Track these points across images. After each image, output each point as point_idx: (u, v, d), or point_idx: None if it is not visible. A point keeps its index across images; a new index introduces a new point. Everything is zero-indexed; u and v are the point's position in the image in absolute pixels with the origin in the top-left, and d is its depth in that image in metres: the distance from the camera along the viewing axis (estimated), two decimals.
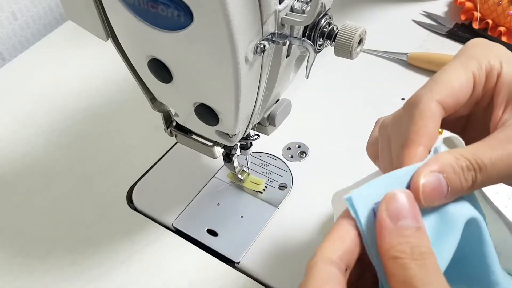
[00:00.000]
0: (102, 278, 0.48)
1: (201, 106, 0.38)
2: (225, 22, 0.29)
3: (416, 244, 0.24)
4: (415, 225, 0.25)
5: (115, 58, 0.41)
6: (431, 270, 0.24)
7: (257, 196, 0.52)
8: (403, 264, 0.24)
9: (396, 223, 0.25)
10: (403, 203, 0.25)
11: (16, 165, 0.60)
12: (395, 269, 0.24)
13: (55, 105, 0.66)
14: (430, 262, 0.24)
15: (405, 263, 0.24)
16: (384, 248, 0.24)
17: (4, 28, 0.77)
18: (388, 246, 0.24)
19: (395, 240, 0.24)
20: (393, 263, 0.24)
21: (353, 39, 0.36)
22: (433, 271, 0.24)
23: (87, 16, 0.37)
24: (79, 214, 0.54)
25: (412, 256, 0.24)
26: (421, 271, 0.23)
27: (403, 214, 0.25)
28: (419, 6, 0.72)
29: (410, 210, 0.25)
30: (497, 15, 0.63)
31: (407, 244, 0.24)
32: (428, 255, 0.24)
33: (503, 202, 0.41)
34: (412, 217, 0.25)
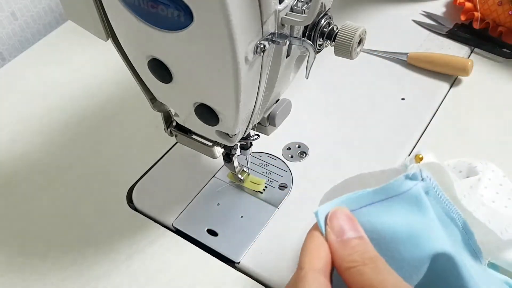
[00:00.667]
0: (102, 278, 0.48)
1: (201, 106, 0.38)
2: (225, 22, 0.29)
3: (363, 251, 0.27)
4: (358, 235, 0.28)
5: (115, 58, 0.41)
6: (383, 270, 0.26)
7: (257, 196, 0.52)
8: (358, 271, 0.26)
9: (342, 238, 0.27)
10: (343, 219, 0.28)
11: (16, 165, 0.60)
12: (353, 277, 0.26)
13: (55, 105, 0.66)
14: (380, 264, 0.26)
15: (359, 269, 0.26)
16: (338, 262, 0.27)
17: (4, 28, 0.77)
18: (341, 259, 0.27)
19: (345, 252, 0.27)
20: (349, 273, 0.27)
21: (353, 39, 0.36)
22: (385, 271, 0.26)
23: (87, 16, 0.37)
24: (79, 214, 0.54)
25: (363, 262, 0.26)
26: (375, 273, 0.26)
27: (345, 228, 0.28)
28: (419, 6, 0.72)
29: (349, 224, 0.28)
30: (497, 15, 0.63)
31: (356, 253, 0.27)
32: (376, 258, 0.27)
33: (503, 203, 0.41)
34: (353, 229, 0.28)
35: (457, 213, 0.33)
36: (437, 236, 0.29)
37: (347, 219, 0.28)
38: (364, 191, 0.29)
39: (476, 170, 0.44)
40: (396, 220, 0.29)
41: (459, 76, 0.61)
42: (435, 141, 0.55)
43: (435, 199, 0.31)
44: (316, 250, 0.28)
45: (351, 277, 0.26)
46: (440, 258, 0.29)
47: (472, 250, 0.35)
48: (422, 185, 0.30)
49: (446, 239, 0.30)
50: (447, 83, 0.61)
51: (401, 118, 0.58)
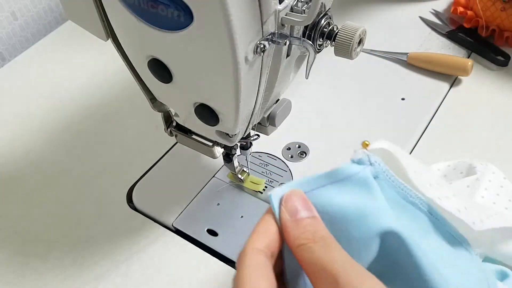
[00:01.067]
0: (102, 278, 0.48)
1: (201, 106, 0.38)
2: (225, 22, 0.29)
3: (315, 230, 0.28)
4: (311, 215, 0.29)
5: (115, 58, 0.41)
6: (332, 248, 0.27)
7: (257, 196, 0.52)
8: (308, 248, 0.27)
9: (295, 217, 0.28)
10: (297, 200, 0.29)
11: (16, 165, 0.60)
12: (304, 255, 0.27)
13: (55, 105, 0.66)
14: (331, 242, 0.28)
15: (310, 247, 0.27)
16: (291, 240, 0.28)
17: (4, 28, 0.77)
18: (293, 237, 0.28)
19: (297, 231, 0.28)
20: (301, 250, 0.28)
21: (353, 39, 0.36)
22: (334, 249, 0.27)
23: (87, 16, 0.37)
24: (79, 214, 0.54)
25: (314, 240, 0.27)
26: (325, 251, 0.27)
27: (299, 208, 0.29)
28: (431, 4, 0.72)
29: (303, 204, 0.29)
30: (501, 21, 0.63)
31: (308, 231, 0.28)
32: (327, 237, 0.28)
33: (503, 204, 0.41)
34: (306, 209, 0.29)
35: (417, 197, 0.33)
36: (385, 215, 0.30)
37: (301, 200, 0.29)
38: (315, 175, 0.31)
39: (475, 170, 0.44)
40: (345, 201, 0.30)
41: (459, 76, 0.61)
42: (435, 141, 0.55)
43: (387, 183, 0.32)
44: (261, 231, 0.29)
45: (302, 254, 0.27)
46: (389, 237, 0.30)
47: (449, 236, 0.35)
48: (370, 170, 0.31)
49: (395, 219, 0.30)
50: (447, 83, 0.61)
51: (401, 118, 0.58)
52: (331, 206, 0.29)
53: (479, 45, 0.64)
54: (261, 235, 0.29)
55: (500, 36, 0.64)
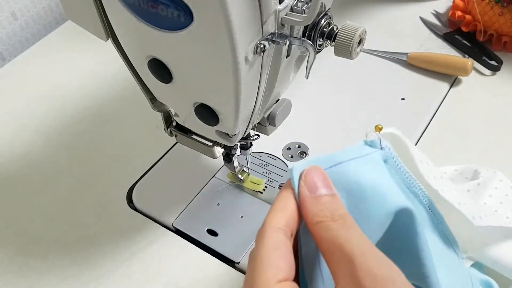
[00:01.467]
0: (102, 278, 0.48)
1: (201, 106, 0.38)
2: (225, 22, 0.29)
3: (334, 208, 0.28)
4: (330, 192, 0.28)
5: (115, 58, 0.41)
6: (351, 227, 0.27)
7: (257, 196, 0.52)
8: (326, 226, 0.27)
9: (315, 193, 0.28)
10: (317, 176, 0.29)
11: (16, 165, 0.60)
12: (321, 232, 0.27)
13: (55, 105, 0.66)
14: (349, 222, 0.27)
15: (328, 225, 0.27)
16: (309, 217, 0.28)
17: (4, 28, 0.77)
18: (312, 214, 0.28)
19: (316, 208, 0.28)
20: (318, 228, 0.27)
21: (353, 39, 0.36)
22: (352, 229, 0.27)
23: (87, 16, 0.37)
24: (79, 214, 0.54)
25: (332, 218, 0.27)
26: (343, 230, 0.27)
27: (319, 185, 0.28)
28: (431, 4, 0.72)
29: (323, 181, 0.29)
30: (499, 26, 0.63)
31: (327, 209, 0.28)
32: (345, 216, 0.28)
33: (505, 213, 0.41)
34: (326, 186, 0.29)
35: (420, 189, 0.33)
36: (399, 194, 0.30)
37: (321, 176, 0.29)
38: (331, 153, 0.30)
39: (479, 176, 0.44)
40: (362, 178, 0.29)
41: (459, 76, 0.61)
42: (435, 141, 0.55)
43: (395, 169, 0.32)
44: (280, 209, 0.29)
45: (320, 232, 0.27)
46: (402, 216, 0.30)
47: (443, 235, 0.35)
48: (380, 153, 0.31)
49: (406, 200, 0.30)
50: (447, 83, 0.61)
51: (401, 118, 0.58)
52: (348, 183, 0.29)
53: (473, 49, 0.64)
54: (280, 212, 0.29)
55: (498, 41, 0.64)
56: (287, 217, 0.28)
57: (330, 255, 0.26)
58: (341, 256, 0.26)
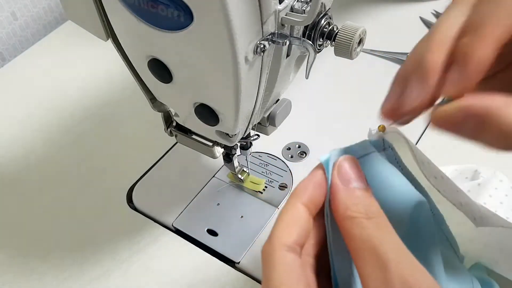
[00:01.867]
0: (102, 278, 0.48)
1: (201, 106, 0.38)
2: (225, 22, 0.29)
3: (369, 204, 0.26)
4: (363, 186, 0.27)
5: (115, 58, 0.41)
6: (384, 228, 0.25)
7: (257, 196, 0.52)
8: (360, 223, 0.25)
9: (348, 186, 0.26)
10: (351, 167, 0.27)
11: (16, 165, 0.60)
12: (353, 229, 0.25)
13: (55, 105, 0.66)
14: (383, 221, 0.26)
15: (362, 222, 0.25)
16: (340, 209, 0.26)
17: (4, 28, 0.77)
18: (344, 207, 0.26)
19: (349, 201, 0.26)
20: (351, 223, 0.25)
21: (353, 39, 0.36)
22: (386, 229, 0.25)
23: (87, 16, 0.37)
24: (79, 214, 0.54)
25: (366, 215, 0.25)
26: (377, 229, 0.25)
27: (353, 177, 0.27)
28: (431, 4, 0.72)
29: (357, 173, 0.27)
30: None
31: (361, 204, 0.26)
32: (379, 213, 0.26)
33: (505, 213, 0.41)
34: (360, 180, 0.27)
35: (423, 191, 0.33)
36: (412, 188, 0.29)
37: (355, 168, 0.27)
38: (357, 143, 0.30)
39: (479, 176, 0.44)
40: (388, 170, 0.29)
41: None
42: (435, 141, 0.55)
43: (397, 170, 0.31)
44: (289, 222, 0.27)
45: (351, 228, 0.25)
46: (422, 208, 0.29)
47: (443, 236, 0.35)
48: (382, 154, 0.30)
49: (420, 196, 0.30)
50: None
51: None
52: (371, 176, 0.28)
53: None
54: (289, 226, 0.26)
55: None
56: (297, 232, 0.26)
57: (361, 255, 0.25)
58: (373, 259, 0.24)
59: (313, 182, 0.28)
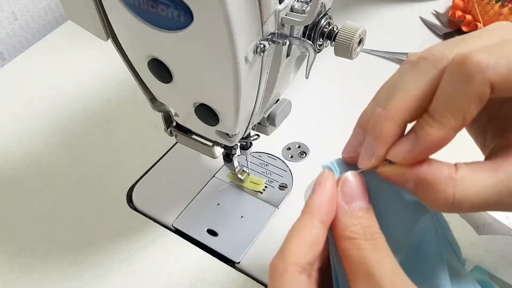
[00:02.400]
0: (102, 278, 0.48)
1: (201, 106, 0.38)
2: (225, 22, 0.29)
3: (367, 225, 0.26)
4: (365, 206, 0.26)
5: (115, 58, 0.41)
6: (382, 250, 0.25)
7: (257, 196, 0.52)
8: (358, 244, 0.25)
9: (349, 205, 0.26)
10: (356, 185, 0.27)
11: (16, 165, 0.60)
12: (350, 250, 0.25)
13: (55, 105, 0.66)
14: (381, 242, 0.25)
15: (359, 243, 0.25)
16: (340, 229, 0.26)
17: (4, 28, 0.77)
18: (343, 226, 0.25)
19: (349, 221, 0.26)
20: (348, 243, 0.25)
21: (353, 39, 0.36)
22: (384, 251, 0.25)
23: (87, 16, 0.37)
24: (79, 214, 0.54)
25: (364, 237, 0.25)
26: (374, 251, 0.24)
27: (355, 196, 0.26)
28: (431, 4, 0.72)
29: (360, 192, 0.26)
30: None
31: (360, 225, 0.25)
32: (378, 235, 0.25)
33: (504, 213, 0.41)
34: (363, 199, 0.26)
35: None
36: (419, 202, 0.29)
37: (359, 186, 0.27)
38: None
39: None
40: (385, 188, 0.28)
41: None
42: None
43: None
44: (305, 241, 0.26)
45: (349, 249, 0.25)
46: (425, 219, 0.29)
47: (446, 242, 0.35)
48: None
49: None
50: None
51: None
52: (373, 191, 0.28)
53: None
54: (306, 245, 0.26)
55: None
56: (313, 253, 0.26)
57: (356, 276, 0.24)
58: (367, 282, 0.24)
59: (328, 197, 0.27)
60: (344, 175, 0.27)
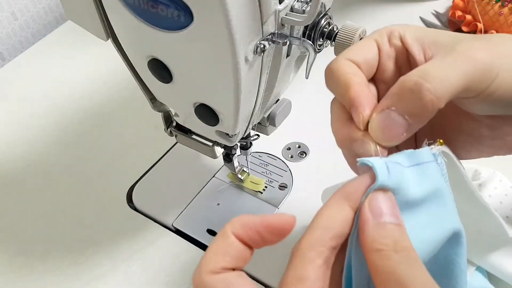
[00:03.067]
0: (102, 278, 0.48)
1: (201, 106, 0.38)
2: (225, 22, 0.29)
3: (398, 238, 0.25)
4: (396, 221, 0.25)
5: (115, 58, 0.41)
6: (415, 264, 0.24)
7: (257, 196, 0.52)
8: (386, 256, 0.24)
9: (378, 220, 0.25)
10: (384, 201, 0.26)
11: (16, 165, 0.60)
12: (379, 262, 0.24)
13: (55, 105, 0.66)
14: (413, 256, 0.24)
15: (389, 255, 0.24)
16: (368, 241, 0.25)
17: (4, 28, 0.77)
18: (371, 239, 0.25)
19: (377, 234, 0.25)
20: (376, 256, 0.24)
21: (353, 39, 0.36)
22: (417, 265, 0.24)
23: (87, 16, 0.37)
24: (79, 214, 0.54)
25: (394, 249, 0.24)
26: (406, 264, 0.24)
27: (385, 212, 0.25)
28: (432, 4, 0.72)
29: (391, 209, 0.26)
30: (500, 25, 0.63)
31: (390, 237, 0.24)
32: (410, 248, 0.24)
33: (505, 212, 0.41)
34: (393, 215, 0.25)
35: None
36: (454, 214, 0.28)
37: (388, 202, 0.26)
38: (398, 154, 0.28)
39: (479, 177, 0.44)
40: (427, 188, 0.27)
41: None
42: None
43: None
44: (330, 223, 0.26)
45: (377, 261, 0.24)
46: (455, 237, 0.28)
47: None
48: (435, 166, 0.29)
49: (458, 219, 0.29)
50: None
51: None
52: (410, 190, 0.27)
53: None
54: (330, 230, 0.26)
55: None
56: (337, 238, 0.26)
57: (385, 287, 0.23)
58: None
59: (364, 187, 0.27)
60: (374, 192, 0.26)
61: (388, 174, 0.26)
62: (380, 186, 0.26)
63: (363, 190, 0.26)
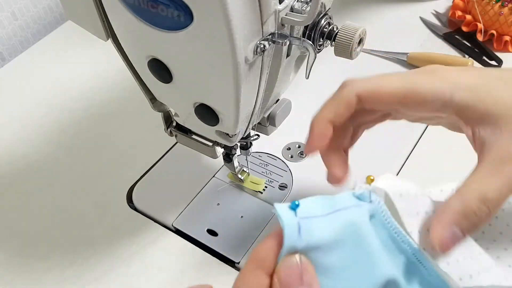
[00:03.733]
0: (102, 278, 0.48)
1: (201, 106, 0.38)
2: (225, 22, 0.29)
3: None
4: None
5: (115, 58, 0.41)
6: None
7: (257, 196, 0.52)
8: None
9: None
10: (293, 271, 0.25)
11: (16, 165, 0.60)
12: None
13: (55, 105, 0.66)
14: None
15: None
16: None
17: (4, 28, 0.77)
18: None
19: None
20: None
21: (353, 39, 0.36)
22: None
23: (87, 16, 0.37)
24: (79, 214, 0.54)
25: None
26: None
27: (293, 284, 0.24)
28: (432, 4, 0.72)
29: (298, 277, 0.25)
30: (500, 25, 0.63)
31: None
32: None
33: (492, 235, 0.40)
34: (303, 284, 0.24)
35: (409, 244, 0.30)
36: (384, 261, 0.27)
37: (297, 271, 0.25)
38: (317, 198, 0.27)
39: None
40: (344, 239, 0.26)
41: None
42: (435, 141, 0.55)
43: (382, 225, 0.29)
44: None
45: None
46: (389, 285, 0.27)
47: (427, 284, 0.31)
48: (368, 208, 0.28)
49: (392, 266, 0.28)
50: None
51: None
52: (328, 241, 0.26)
53: (473, 49, 0.64)
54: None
55: (499, 40, 0.64)
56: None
57: None
58: None
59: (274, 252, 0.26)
60: (286, 256, 0.25)
61: (298, 235, 0.25)
62: (288, 250, 0.25)
63: (275, 254, 0.26)
